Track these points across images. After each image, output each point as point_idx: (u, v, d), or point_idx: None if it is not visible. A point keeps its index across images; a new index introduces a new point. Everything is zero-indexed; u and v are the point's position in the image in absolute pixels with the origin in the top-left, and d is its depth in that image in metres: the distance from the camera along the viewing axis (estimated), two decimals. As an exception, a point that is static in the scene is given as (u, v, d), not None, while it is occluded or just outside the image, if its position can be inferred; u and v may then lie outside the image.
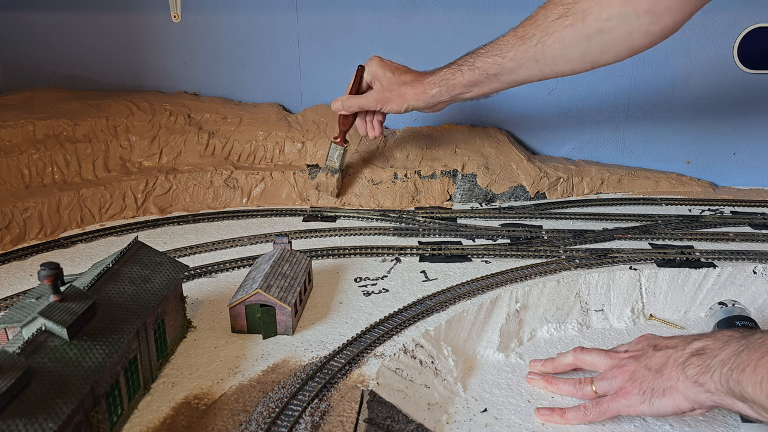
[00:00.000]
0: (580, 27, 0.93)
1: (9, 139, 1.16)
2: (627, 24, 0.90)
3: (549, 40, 0.96)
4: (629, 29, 0.91)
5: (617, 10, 0.90)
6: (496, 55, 1.01)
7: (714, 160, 1.40)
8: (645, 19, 0.89)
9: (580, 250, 1.04)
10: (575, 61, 0.97)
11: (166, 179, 1.21)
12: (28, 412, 0.49)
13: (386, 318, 0.85)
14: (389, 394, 0.72)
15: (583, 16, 0.92)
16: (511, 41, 0.99)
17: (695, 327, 0.95)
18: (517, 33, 0.99)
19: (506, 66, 1.00)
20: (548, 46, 0.96)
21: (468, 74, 1.04)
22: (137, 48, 1.41)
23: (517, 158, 1.32)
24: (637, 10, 0.89)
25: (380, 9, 1.36)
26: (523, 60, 0.99)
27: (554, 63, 0.98)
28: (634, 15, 0.89)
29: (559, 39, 0.95)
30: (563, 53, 0.96)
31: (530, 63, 0.99)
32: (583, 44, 0.94)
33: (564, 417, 0.73)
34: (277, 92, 1.44)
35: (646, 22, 0.89)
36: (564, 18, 0.94)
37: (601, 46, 0.94)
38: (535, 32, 0.97)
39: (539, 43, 0.96)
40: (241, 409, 0.67)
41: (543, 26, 0.96)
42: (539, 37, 0.96)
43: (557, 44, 0.95)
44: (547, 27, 0.96)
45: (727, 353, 0.64)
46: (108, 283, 0.68)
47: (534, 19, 0.98)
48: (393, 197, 1.26)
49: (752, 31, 1.31)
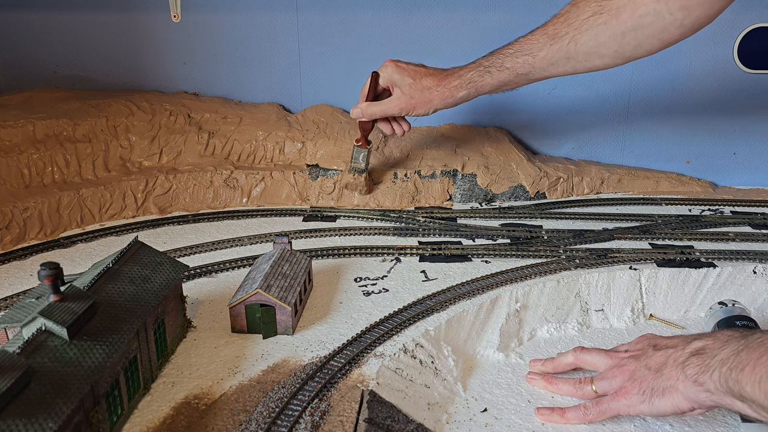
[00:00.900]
0: (614, 24, 0.93)
1: (9, 139, 1.16)
2: (661, 20, 0.90)
3: (582, 38, 0.95)
4: (663, 24, 0.91)
5: (651, 7, 0.90)
6: (526, 55, 1.00)
7: (714, 160, 1.40)
8: (679, 15, 0.89)
9: (580, 250, 1.04)
10: (608, 57, 0.97)
11: (166, 179, 1.21)
12: (28, 412, 0.49)
13: (386, 318, 0.85)
14: (389, 394, 0.72)
15: (617, 13, 0.92)
16: (542, 40, 0.99)
17: (695, 327, 0.95)
18: (548, 31, 0.99)
19: (537, 65, 1.00)
20: (581, 44, 0.96)
21: (497, 75, 1.04)
22: (137, 48, 1.41)
23: (517, 158, 1.32)
24: (670, 7, 0.89)
25: (380, 9, 1.36)
26: (555, 58, 0.98)
27: (586, 60, 0.98)
28: (667, 11, 0.89)
29: (592, 36, 0.95)
30: (596, 50, 0.96)
31: (562, 61, 0.98)
32: (617, 41, 0.94)
33: (564, 417, 0.73)
34: (277, 92, 1.44)
35: (680, 17, 0.89)
36: (597, 15, 0.94)
37: (635, 42, 0.93)
38: (567, 30, 0.96)
39: (572, 41, 0.96)
40: (241, 409, 0.67)
41: (576, 24, 0.96)
42: (572, 35, 0.96)
43: (591, 42, 0.95)
44: (580, 25, 0.95)
45: (727, 353, 0.64)
46: (108, 283, 0.68)
47: (565, 17, 0.97)
48: (393, 197, 1.26)
49: (752, 31, 1.31)
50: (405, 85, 1.10)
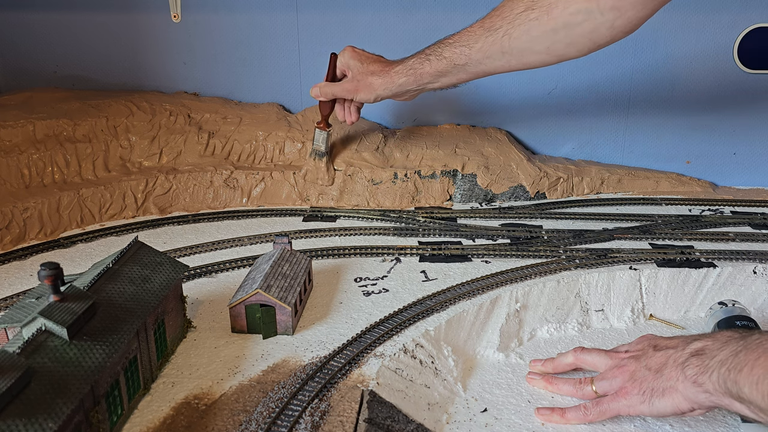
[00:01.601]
0: (545, 20, 0.93)
1: (9, 139, 1.16)
2: (592, 19, 0.90)
3: (515, 32, 0.96)
4: (594, 24, 0.91)
5: (583, 6, 0.90)
6: (463, 46, 1.01)
7: (714, 160, 1.40)
8: (610, 15, 0.89)
9: (580, 250, 1.04)
10: (541, 54, 0.97)
11: (166, 179, 1.21)
12: (28, 412, 0.49)
13: (386, 318, 0.85)
14: (389, 394, 0.72)
15: (548, 9, 0.92)
16: (478, 32, 1.00)
17: (695, 327, 0.95)
18: (485, 24, 0.99)
19: (473, 57, 1.01)
20: (514, 38, 0.96)
21: (435, 64, 1.04)
22: (137, 48, 1.41)
23: (517, 158, 1.32)
24: (601, 7, 0.89)
25: (380, 9, 1.36)
26: (490, 51, 0.99)
27: (521, 55, 0.98)
28: (598, 11, 0.89)
29: (525, 31, 0.95)
30: (529, 46, 0.96)
31: (497, 54, 0.99)
32: (549, 37, 0.94)
33: (564, 417, 0.73)
34: (277, 92, 1.44)
35: (611, 18, 0.90)
36: (530, 11, 0.94)
37: (567, 40, 0.94)
38: (501, 24, 0.97)
39: (505, 35, 0.96)
40: (241, 409, 0.67)
41: (509, 18, 0.96)
42: (505, 29, 0.96)
43: (523, 36, 0.95)
44: (513, 19, 0.96)
45: (726, 354, 0.64)
46: (108, 283, 0.68)
47: (500, 10, 0.98)
48: (393, 197, 1.26)
49: (752, 31, 1.31)
50: (354, 68, 1.13)
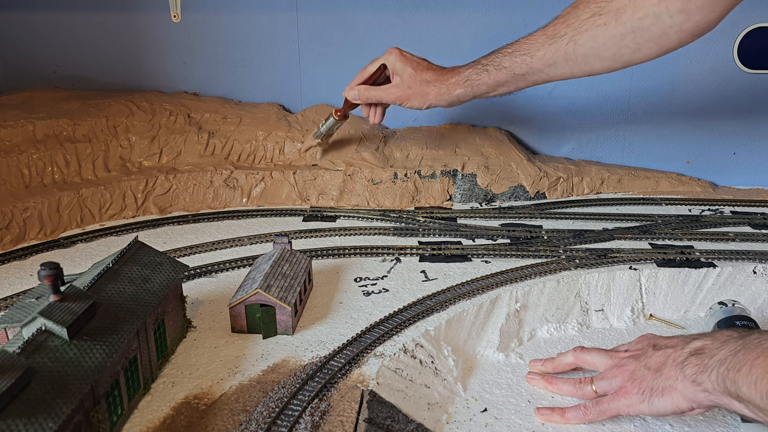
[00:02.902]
0: (613, 26, 0.92)
1: (9, 139, 1.16)
2: (661, 23, 0.90)
3: (581, 38, 0.95)
4: (663, 28, 0.90)
5: (651, 9, 0.90)
6: (524, 55, 1.00)
7: (714, 160, 1.40)
8: (678, 18, 0.89)
9: (580, 250, 1.04)
10: (607, 60, 0.96)
11: (166, 179, 1.21)
12: (28, 412, 0.49)
13: (386, 318, 0.85)
14: (389, 394, 0.72)
15: (617, 14, 0.92)
16: (540, 40, 0.99)
17: (695, 327, 0.95)
18: (547, 32, 0.98)
19: (535, 65, 1.00)
20: (580, 44, 0.95)
21: (494, 74, 1.03)
22: (137, 48, 1.42)
23: (517, 158, 1.32)
24: (670, 9, 0.89)
25: (380, 9, 1.36)
26: (553, 59, 0.98)
27: (585, 62, 0.97)
28: (667, 14, 0.89)
29: (591, 37, 0.94)
30: (595, 52, 0.95)
31: (560, 62, 0.98)
32: (616, 43, 0.94)
33: (564, 416, 0.73)
34: (277, 92, 1.44)
35: (680, 21, 0.89)
36: (597, 17, 0.93)
37: (633, 45, 0.93)
38: (566, 31, 0.96)
39: (570, 41, 0.96)
40: (241, 409, 0.67)
41: (575, 25, 0.95)
42: (571, 35, 0.96)
43: (589, 43, 0.95)
44: (579, 25, 0.95)
45: (725, 353, 0.64)
46: (108, 283, 0.68)
47: (565, 17, 0.97)
48: (393, 197, 1.26)
49: (752, 31, 1.31)
50: (406, 75, 1.09)
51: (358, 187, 1.25)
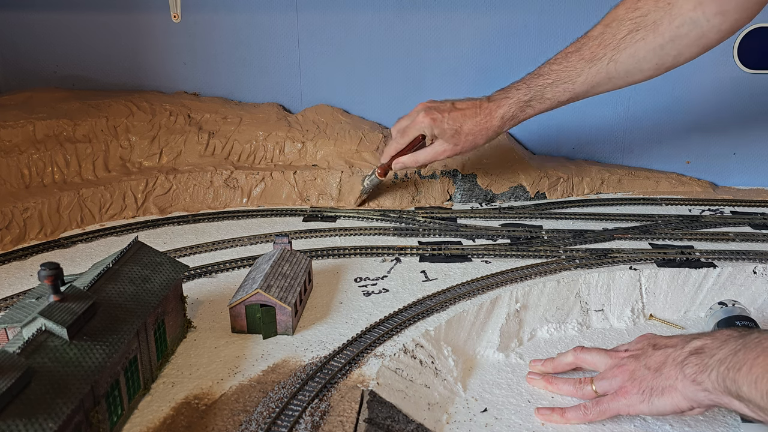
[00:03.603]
0: (652, 39, 0.93)
1: (9, 139, 1.16)
2: (699, 27, 0.91)
3: (621, 57, 0.96)
4: (701, 32, 0.91)
5: (688, 16, 0.90)
6: (566, 83, 1.00)
7: (714, 160, 1.40)
8: (716, 21, 0.90)
9: (580, 250, 1.04)
10: (650, 70, 0.97)
11: (166, 179, 1.21)
12: (28, 412, 0.49)
13: (386, 318, 0.85)
14: (389, 394, 0.72)
15: (654, 27, 0.93)
16: (579, 65, 0.99)
17: (695, 327, 0.94)
18: (584, 55, 0.98)
19: (578, 90, 1.01)
20: (621, 63, 0.96)
21: (538, 107, 1.04)
22: (137, 48, 1.42)
23: (517, 158, 1.32)
24: (707, 13, 0.89)
25: (380, 9, 1.36)
26: (596, 81, 0.99)
27: (627, 76, 0.98)
28: (704, 18, 0.90)
29: (631, 54, 0.95)
30: (637, 66, 0.96)
31: (603, 82, 0.99)
32: (657, 54, 0.95)
33: (564, 416, 0.73)
34: (277, 92, 1.44)
35: (718, 23, 0.90)
36: (635, 33, 0.94)
37: (674, 52, 0.94)
38: (605, 52, 0.97)
39: (611, 61, 0.96)
40: (241, 409, 0.67)
41: (612, 44, 0.96)
42: (610, 55, 0.96)
43: (630, 59, 0.96)
44: (617, 44, 0.95)
45: (725, 352, 0.64)
46: (108, 283, 0.68)
47: (600, 39, 0.97)
48: (393, 197, 1.26)
49: (752, 31, 1.31)
50: (447, 136, 1.08)
51: (358, 187, 1.25)
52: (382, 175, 1.17)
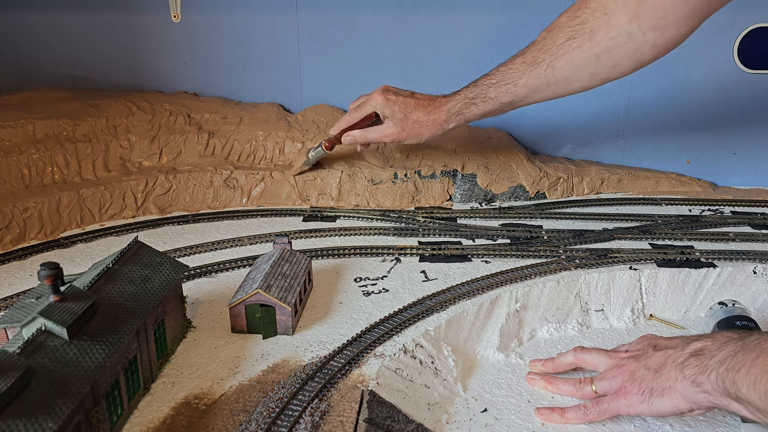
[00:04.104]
0: (588, 47, 0.95)
1: (9, 139, 1.16)
2: (634, 41, 0.92)
3: (558, 63, 0.98)
4: (636, 45, 0.92)
5: (624, 29, 0.91)
6: (508, 84, 1.03)
7: (714, 160, 1.40)
8: (651, 35, 0.91)
9: (580, 250, 1.04)
10: (585, 80, 0.99)
11: (166, 179, 1.21)
12: (28, 412, 0.49)
13: (386, 318, 0.85)
14: (389, 394, 0.72)
15: (591, 36, 0.94)
16: (521, 68, 1.01)
17: (695, 327, 0.95)
18: (526, 59, 1.01)
19: (519, 93, 1.03)
20: (558, 69, 0.98)
21: (482, 106, 1.07)
22: (137, 48, 1.42)
23: (517, 158, 1.32)
24: (643, 27, 0.90)
25: (380, 9, 1.36)
26: (536, 85, 1.01)
27: (566, 83, 1.00)
28: (640, 32, 0.91)
29: (568, 61, 0.97)
30: (574, 74, 0.98)
31: (542, 87, 1.01)
32: (592, 63, 0.96)
33: (564, 416, 0.73)
34: (277, 92, 1.44)
35: (653, 38, 0.91)
36: (572, 40, 0.96)
37: (610, 63, 0.95)
38: (544, 57, 0.99)
39: (549, 67, 0.98)
40: (241, 409, 0.67)
41: (552, 50, 0.98)
42: (549, 61, 0.98)
43: (567, 66, 0.97)
44: (555, 50, 0.97)
45: (724, 354, 0.64)
46: (108, 283, 0.68)
47: (542, 44, 1.00)
48: (393, 197, 1.26)
49: (752, 31, 1.31)
50: (396, 118, 1.11)
51: (358, 187, 1.25)
52: (329, 148, 1.20)
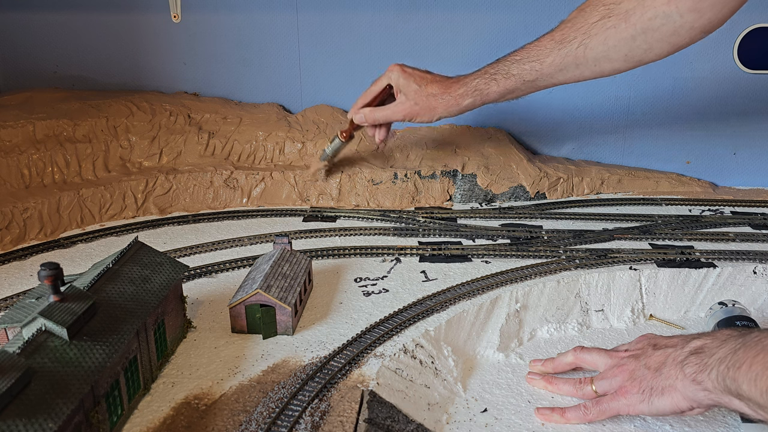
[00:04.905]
0: (623, 28, 0.92)
1: (9, 139, 1.16)
2: (671, 23, 0.89)
3: (591, 42, 0.94)
4: (674, 27, 0.90)
5: (661, 10, 0.89)
6: (533, 61, 0.99)
7: (714, 160, 1.40)
8: (689, 17, 0.88)
9: (580, 250, 1.04)
10: (618, 62, 0.96)
11: (166, 179, 1.21)
12: (28, 412, 0.49)
13: (386, 318, 0.85)
14: (389, 394, 0.72)
15: (626, 16, 0.91)
16: (549, 45, 0.98)
17: (695, 327, 0.95)
18: (555, 37, 0.98)
19: (545, 71, 0.99)
20: (590, 48, 0.95)
21: (503, 83, 1.02)
22: (137, 48, 1.42)
23: (517, 158, 1.32)
24: (680, 9, 0.88)
25: (380, 9, 1.36)
26: (564, 64, 0.98)
27: (595, 64, 0.97)
28: (678, 13, 0.88)
29: (602, 41, 0.94)
30: (606, 54, 0.95)
31: (570, 66, 0.98)
32: (627, 44, 0.93)
33: (564, 416, 0.73)
34: (277, 92, 1.44)
35: (691, 20, 0.89)
36: (606, 19, 0.93)
37: (645, 45, 0.93)
38: (576, 35, 0.96)
39: (581, 45, 0.95)
40: (241, 409, 0.67)
41: (584, 29, 0.95)
42: (581, 39, 0.95)
43: (600, 46, 0.94)
44: (588, 29, 0.94)
45: (725, 351, 0.64)
46: (108, 283, 0.68)
47: (573, 22, 0.97)
48: (393, 197, 1.26)
49: (752, 31, 1.31)
50: (410, 91, 1.07)
51: (358, 187, 1.25)
52: (345, 137, 1.17)
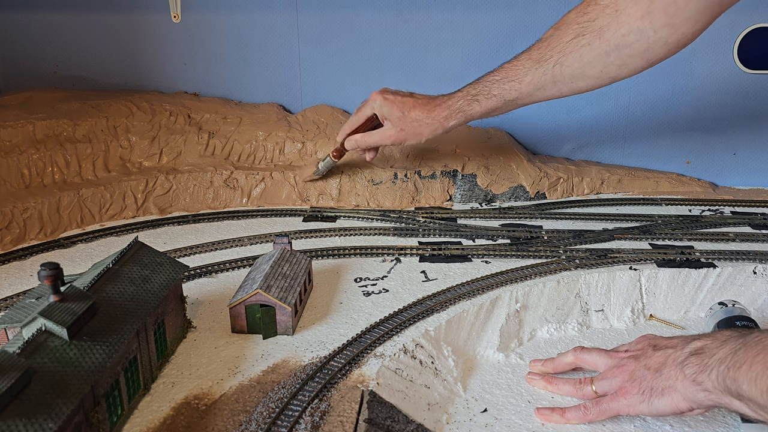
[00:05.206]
0: (597, 44, 0.93)
1: (9, 139, 1.16)
2: (645, 38, 0.90)
3: (567, 60, 0.96)
4: (648, 43, 0.90)
5: (635, 26, 0.89)
6: (512, 81, 1.01)
7: (714, 160, 1.40)
8: (663, 33, 0.89)
9: (580, 250, 1.04)
10: (593, 78, 0.97)
11: (166, 179, 1.21)
12: (28, 412, 0.49)
13: (386, 318, 0.85)
14: (389, 394, 0.72)
15: (600, 33, 0.92)
16: (527, 65, 0.99)
17: (695, 327, 0.95)
18: (532, 56, 0.99)
19: (524, 90, 1.01)
20: (566, 66, 0.96)
21: (485, 103, 1.04)
22: (137, 48, 1.42)
23: (517, 158, 1.32)
24: (654, 24, 0.88)
25: (380, 9, 1.36)
26: (541, 82, 0.99)
27: (572, 82, 0.98)
28: (651, 29, 0.89)
29: (577, 58, 0.95)
30: (582, 71, 0.96)
31: (548, 85, 0.99)
32: (601, 61, 0.94)
33: (564, 416, 0.73)
34: (277, 92, 1.44)
35: (665, 35, 0.89)
36: (581, 37, 0.94)
37: (619, 61, 0.93)
38: (551, 54, 0.97)
39: (557, 64, 0.96)
40: (241, 409, 0.67)
41: (559, 47, 0.96)
42: (556, 58, 0.96)
43: (576, 63, 0.95)
44: (563, 47, 0.96)
45: (725, 352, 0.64)
46: (108, 283, 0.68)
47: (548, 41, 0.98)
48: (393, 197, 1.26)
49: (752, 31, 1.31)
50: (394, 118, 1.10)
51: (358, 187, 1.25)
52: (337, 157, 1.20)
